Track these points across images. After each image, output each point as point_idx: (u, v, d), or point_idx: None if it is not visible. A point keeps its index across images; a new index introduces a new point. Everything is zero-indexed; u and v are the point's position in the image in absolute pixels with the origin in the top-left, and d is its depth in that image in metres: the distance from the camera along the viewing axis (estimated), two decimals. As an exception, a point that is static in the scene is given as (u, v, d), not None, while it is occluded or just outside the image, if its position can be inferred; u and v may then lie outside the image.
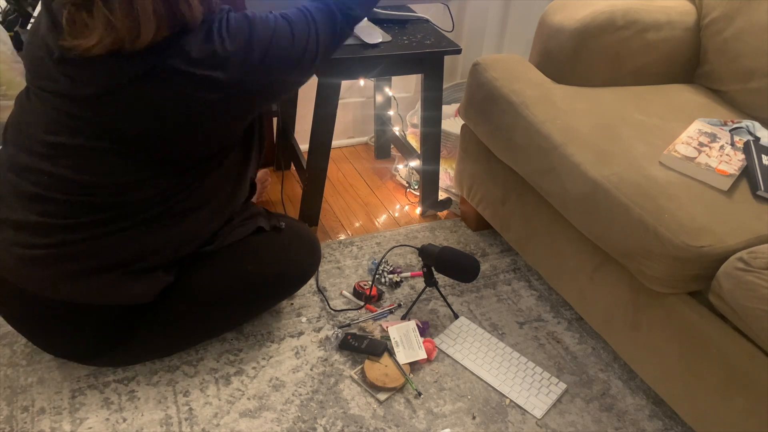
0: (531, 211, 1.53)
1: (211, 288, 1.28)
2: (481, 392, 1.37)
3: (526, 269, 1.74)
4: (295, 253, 1.40)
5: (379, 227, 1.88)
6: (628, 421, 1.33)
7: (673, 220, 1.12)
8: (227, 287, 1.29)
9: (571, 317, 1.59)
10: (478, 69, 1.56)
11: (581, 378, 1.42)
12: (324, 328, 1.49)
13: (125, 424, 1.23)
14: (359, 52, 1.51)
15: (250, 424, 1.25)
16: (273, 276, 1.36)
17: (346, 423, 1.27)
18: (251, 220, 1.35)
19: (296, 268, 1.41)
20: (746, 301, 1.02)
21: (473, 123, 1.62)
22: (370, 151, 2.29)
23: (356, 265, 1.70)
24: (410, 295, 1.62)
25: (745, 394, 1.09)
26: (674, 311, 1.19)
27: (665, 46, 1.61)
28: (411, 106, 2.28)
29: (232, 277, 1.29)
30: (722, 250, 1.09)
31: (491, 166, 1.63)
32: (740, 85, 1.57)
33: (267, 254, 1.35)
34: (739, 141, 1.34)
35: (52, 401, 1.26)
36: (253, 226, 1.33)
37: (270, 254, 1.35)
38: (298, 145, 1.92)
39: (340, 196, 2.02)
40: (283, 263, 1.37)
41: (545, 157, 1.36)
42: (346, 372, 1.38)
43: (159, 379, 1.33)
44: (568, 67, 1.55)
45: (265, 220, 1.38)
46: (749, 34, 1.53)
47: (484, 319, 1.56)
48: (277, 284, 1.38)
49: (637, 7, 1.57)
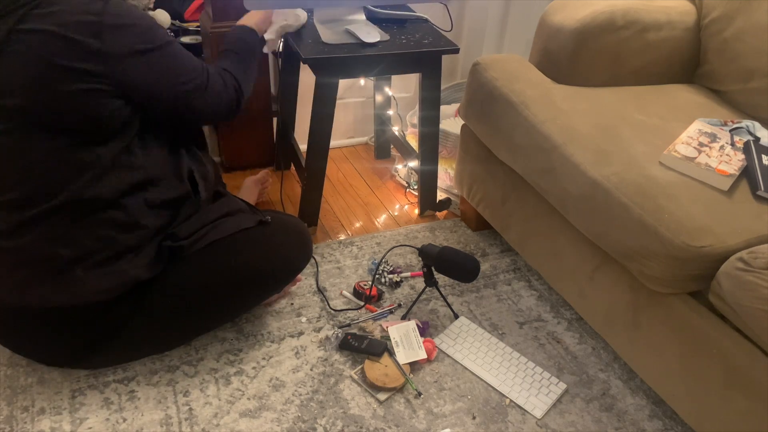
0: (531, 211, 1.53)
1: (193, 286, 1.26)
2: (481, 392, 1.37)
3: (526, 269, 1.74)
4: (283, 245, 1.38)
5: (379, 227, 1.88)
6: (628, 421, 1.33)
7: (673, 220, 1.12)
8: (211, 285, 1.27)
9: (571, 317, 1.59)
10: (478, 69, 1.56)
11: (581, 378, 1.42)
12: (324, 328, 1.49)
13: (125, 424, 1.23)
14: (357, 52, 1.51)
15: (250, 424, 1.25)
16: (259, 271, 1.33)
17: (346, 423, 1.27)
18: (232, 218, 1.33)
19: (284, 262, 1.38)
20: (746, 301, 1.02)
21: (473, 123, 1.62)
22: (370, 151, 2.29)
23: (356, 265, 1.70)
24: (410, 295, 1.62)
25: (745, 394, 1.09)
26: (674, 311, 1.19)
27: (665, 46, 1.61)
28: (411, 106, 2.28)
29: (215, 275, 1.27)
30: (722, 250, 1.08)
31: (491, 166, 1.63)
32: (740, 85, 1.57)
33: (252, 249, 1.32)
34: (739, 141, 1.34)
35: (52, 401, 1.26)
36: (236, 227, 1.31)
37: (255, 249, 1.32)
38: (297, 145, 1.92)
39: (339, 196, 2.02)
40: (271, 257, 1.35)
41: (545, 157, 1.36)
42: (346, 372, 1.38)
43: (159, 379, 1.33)
44: (568, 67, 1.55)
45: (250, 217, 1.36)
46: (749, 34, 1.53)
47: (484, 319, 1.56)
48: (263, 280, 1.36)
49: (637, 7, 1.57)
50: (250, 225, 1.33)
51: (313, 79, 1.55)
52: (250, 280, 1.33)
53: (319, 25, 1.61)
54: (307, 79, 1.95)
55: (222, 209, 1.34)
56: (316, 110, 1.59)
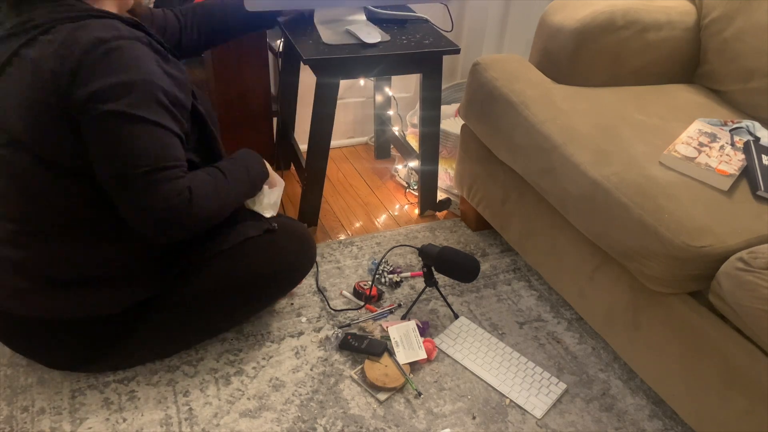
0: (531, 211, 1.53)
1: (196, 295, 1.26)
2: (481, 392, 1.37)
3: (526, 269, 1.74)
4: (287, 252, 1.36)
5: (379, 227, 1.88)
6: (628, 421, 1.33)
7: (673, 220, 1.12)
8: (215, 293, 1.27)
9: (571, 317, 1.59)
10: (478, 69, 1.56)
11: (581, 378, 1.42)
12: (324, 328, 1.49)
13: (125, 424, 1.23)
14: (357, 52, 1.51)
15: (250, 424, 1.25)
16: (263, 277, 1.32)
17: (346, 423, 1.27)
18: (238, 225, 1.29)
19: (289, 268, 1.37)
20: (746, 301, 1.02)
21: (473, 123, 1.62)
22: (370, 151, 2.29)
23: (356, 265, 1.70)
24: (410, 295, 1.62)
25: (745, 394, 1.09)
26: (674, 311, 1.19)
27: (665, 46, 1.61)
28: (411, 106, 2.28)
29: (219, 283, 1.27)
30: (722, 250, 1.09)
31: (491, 166, 1.63)
32: (740, 85, 1.57)
33: (256, 256, 1.30)
34: (739, 141, 1.34)
35: (52, 401, 1.26)
36: (242, 236, 1.27)
37: (260, 256, 1.30)
38: (297, 146, 1.92)
39: (340, 196, 2.02)
40: (276, 265, 1.33)
41: (545, 157, 1.36)
42: (346, 372, 1.38)
43: (159, 379, 1.33)
44: (568, 67, 1.55)
45: (255, 225, 1.31)
46: (749, 34, 1.53)
47: (484, 319, 1.56)
48: (267, 286, 1.35)
49: (637, 7, 1.57)
50: (256, 234, 1.30)
51: (313, 79, 1.55)
52: (254, 287, 1.33)
53: (319, 25, 1.61)
54: (307, 79, 1.95)
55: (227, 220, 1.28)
56: (317, 110, 1.59)
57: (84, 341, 1.21)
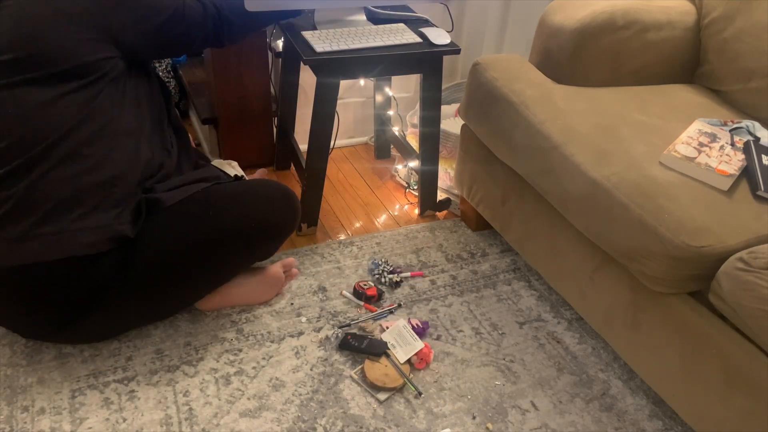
0: (531, 211, 1.53)
1: (171, 241, 1.25)
2: (481, 392, 1.37)
3: (526, 269, 1.74)
4: (266, 200, 1.36)
5: (379, 227, 1.88)
6: (628, 421, 1.33)
7: (673, 220, 1.12)
8: (190, 239, 1.26)
9: (571, 317, 1.59)
10: (478, 69, 1.56)
11: (581, 378, 1.42)
12: (324, 328, 1.49)
13: (125, 424, 1.23)
14: (358, 52, 1.51)
15: (250, 424, 1.26)
16: (240, 224, 1.31)
17: (346, 423, 1.27)
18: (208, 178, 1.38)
19: (267, 216, 1.36)
20: (746, 301, 1.02)
21: (473, 123, 1.62)
22: (370, 151, 2.29)
23: (356, 265, 1.70)
24: (410, 295, 1.62)
25: (745, 394, 1.09)
26: (674, 311, 1.19)
27: (665, 46, 1.61)
28: (411, 106, 2.28)
29: (193, 228, 1.26)
30: (722, 250, 1.09)
31: (491, 166, 1.63)
32: (740, 85, 1.57)
33: (232, 202, 1.30)
34: (739, 141, 1.34)
35: (52, 401, 1.26)
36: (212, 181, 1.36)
37: (236, 201, 1.30)
38: (297, 145, 1.92)
39: (340, 196, 2.02)
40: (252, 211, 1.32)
41: (545, 157, 1.36)
42: (346, 372, 1.38)
43: (159, 379, 1.33)
44: (568, 67, 1.55)
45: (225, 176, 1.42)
46: (749, 34, 1.53)
47: (484, 319, 1.56)
48: (245, 234, 1.33)
49: (637, 7, 1.57)
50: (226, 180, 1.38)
51: (313, 79, 1.55)
52: (231, 234, 1.31)
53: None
54: (307, 79, 1.95)
55: (199, 174, 1.38)
56: (317, 110, 1.59)
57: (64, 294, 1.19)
